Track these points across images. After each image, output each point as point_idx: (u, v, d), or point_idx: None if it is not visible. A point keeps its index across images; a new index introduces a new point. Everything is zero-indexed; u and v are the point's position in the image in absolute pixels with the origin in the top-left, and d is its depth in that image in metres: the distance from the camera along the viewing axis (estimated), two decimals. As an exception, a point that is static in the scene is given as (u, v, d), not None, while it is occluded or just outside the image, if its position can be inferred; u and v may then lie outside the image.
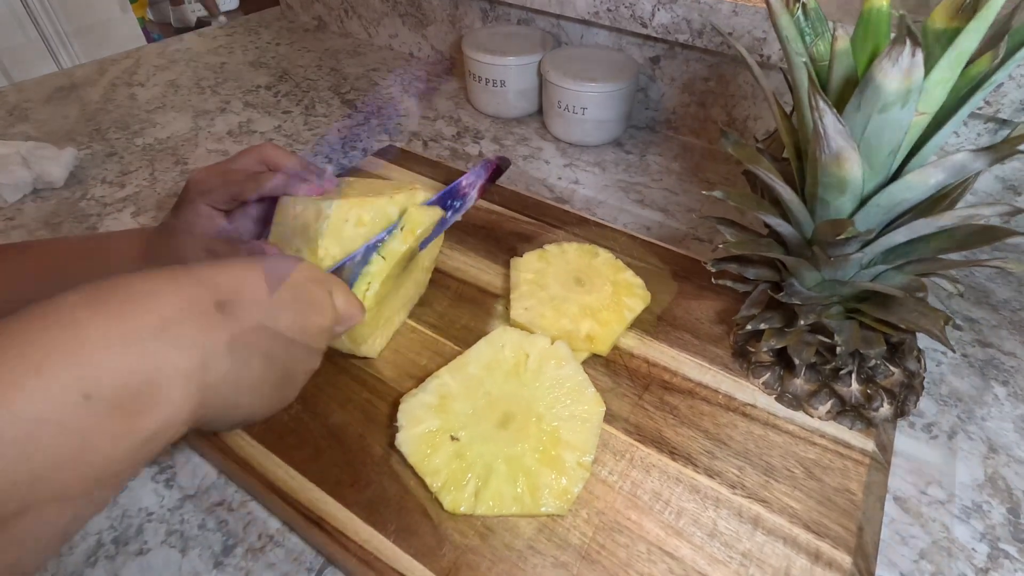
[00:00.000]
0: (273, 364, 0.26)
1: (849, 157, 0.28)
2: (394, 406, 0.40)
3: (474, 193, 0.45)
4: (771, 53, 0.62)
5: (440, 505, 0.34)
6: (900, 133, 0.28)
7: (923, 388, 0.41)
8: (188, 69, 0.90)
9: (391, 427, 0.39)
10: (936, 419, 0.44)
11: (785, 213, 0.35)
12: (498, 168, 0.46)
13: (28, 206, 0.63)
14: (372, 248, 0.38)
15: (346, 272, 0.37)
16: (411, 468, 0.36)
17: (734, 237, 0.37)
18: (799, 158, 0.35)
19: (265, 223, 0.44)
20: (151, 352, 0.21)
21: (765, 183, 0.32)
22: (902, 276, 0.33)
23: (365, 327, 0.39)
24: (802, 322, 0.35)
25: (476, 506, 0.34)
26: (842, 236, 0.28)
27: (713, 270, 0.40)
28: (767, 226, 0.40)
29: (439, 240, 0.47)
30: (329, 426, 0.39)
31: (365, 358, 0.43)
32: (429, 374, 0.40)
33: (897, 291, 0.31)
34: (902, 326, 0.33)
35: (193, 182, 0.40)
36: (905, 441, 0.42)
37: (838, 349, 0.36)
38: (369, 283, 0.37)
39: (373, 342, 0.42)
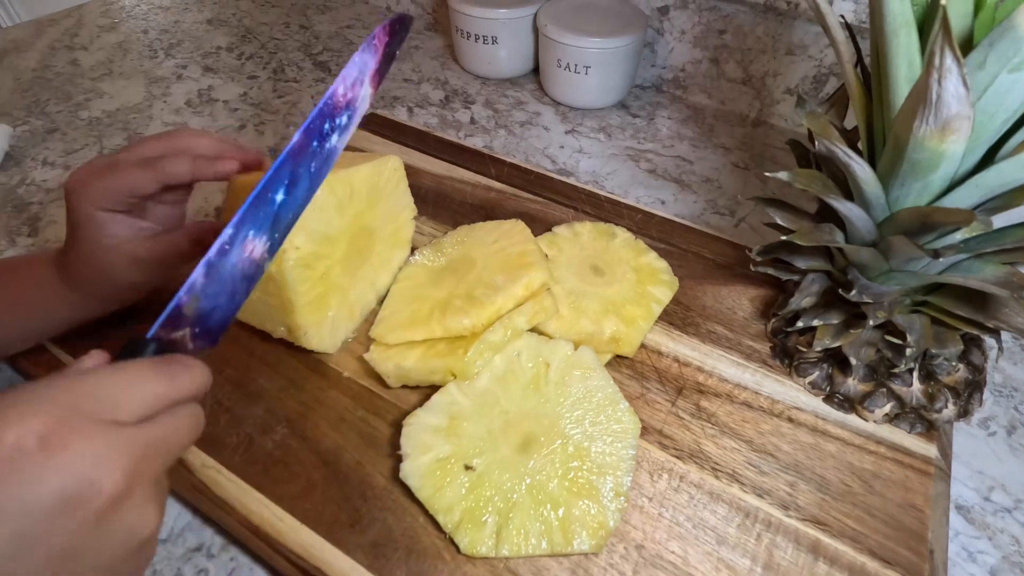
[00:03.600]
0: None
1: (959, 128, 0.23)
2: (395, 426, 0.35)
3: (365, 90, 0.31)
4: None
5: (456, 547, 0.29)
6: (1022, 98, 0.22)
7: (986, 383, 0.37)
8: (137, 29, 0.80)
9: (393, 453, 0.34)
10: (992, 412, 0.40)
11: (853, 195, 0.30)
12: (394, 34, 0.32)
13: (-42, 194, 0.55)
14: (226, 253, 0.25)
15: (190, 307, 0.24)
16: (420, 503, 0.31)
17: (789, 222, 0.31)
18: (869, 129, 0.30)
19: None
20: None
21: (840, 160, 0.26)
22: (991, 268, 0.28)
23: (303, 314, 0.34)
24: (871, 322, 0.30)
25: (498, 547, 0.29)
26: (957, 227, 0.23)
27: (759, 259, 0.35)
28: (821, 209, 0.35)
29: (400, 191, 0.41)
30: (321, 453, 0.34)
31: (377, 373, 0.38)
32: (433, 386, 0.35)
33: (996, 288, 0.26)
34: (989, 324, 0.29)
35: (72, 188, 0.31)
36: (960, 439, 0.38)
37: (908, 350, 0.31)
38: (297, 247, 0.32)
39: (320, 332, 0.36)
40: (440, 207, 0.50)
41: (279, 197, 0.27)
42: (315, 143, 0.28)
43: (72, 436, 0.17)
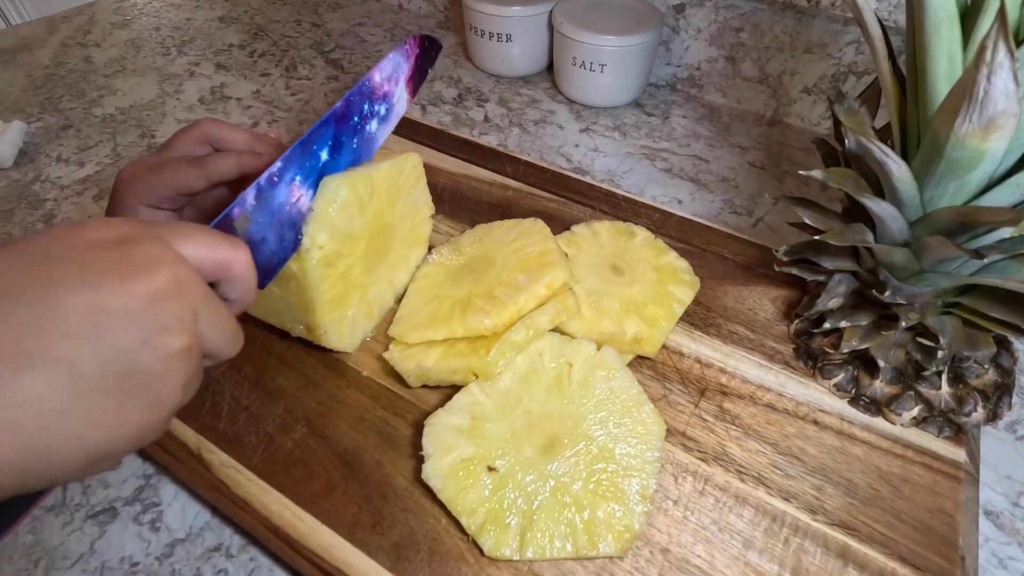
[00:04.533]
0: (103, 378, 0.18)
1: (1004, 126, 0.22)
2: (415, 427, 0.35)
3: (401, 90, 0.33)
4: (819, -2, 0.54)
5: (480, 549, 0.29)
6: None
7: (1015, 386, 0.36)
8: (149, 26, 0.80)
9: (415, 453, 0.33)
10: (1020, 415, 0.39)
11: (885, 193, 0.29)
12: (424, 50, 0.34)
13: (-28, 190, 0.55)
14: (274, 184, 0.27)
15: (240, 224, 0.26)
16: (442, 504, 0.30)
17: (817, 222, 0.31)
18: (903, 126, 0.29)
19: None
20: None
21: (875, 158, 0.26)
22: (1029, 268, 0.28)
23: (324, 312, 0.34)
24: (903, 324, 0.30)
25: (522, 550, 0.29)
26: (993, 228, 0.22)
27: (785, 259, 0.34)
28: (848, 208, 0.34)
29: (419, 189, 0.40)
30: (341, 453, 0.33)
31: (391, 371, 0.37)
32: (454, 386, 0.35)
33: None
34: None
35: (122, 181, 0.32)
36: (988, 443, 0.38)
37: (939, 353, 0.31)
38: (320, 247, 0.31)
39: (339, 330, 0.36)
40: (456, 205, 0.50)
41: (324, 155, 0.29)
42: (356, 118, 0.31)
43: (145, 240, 0.20)
